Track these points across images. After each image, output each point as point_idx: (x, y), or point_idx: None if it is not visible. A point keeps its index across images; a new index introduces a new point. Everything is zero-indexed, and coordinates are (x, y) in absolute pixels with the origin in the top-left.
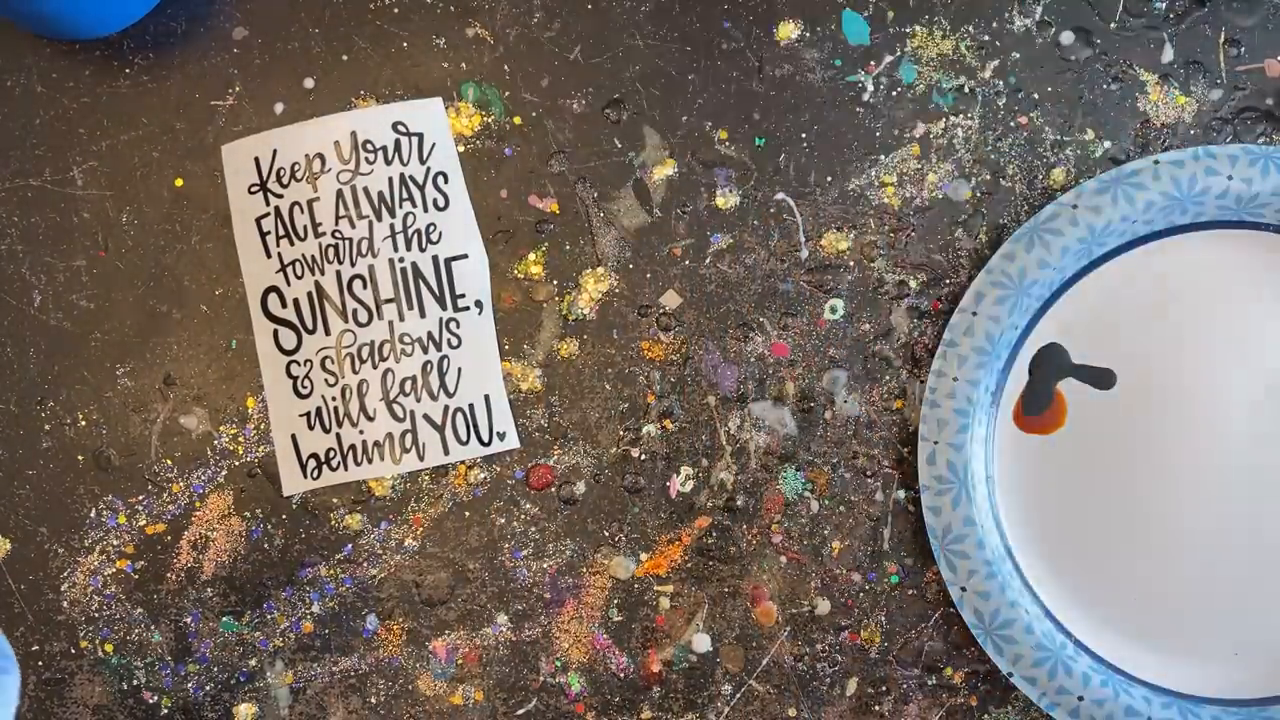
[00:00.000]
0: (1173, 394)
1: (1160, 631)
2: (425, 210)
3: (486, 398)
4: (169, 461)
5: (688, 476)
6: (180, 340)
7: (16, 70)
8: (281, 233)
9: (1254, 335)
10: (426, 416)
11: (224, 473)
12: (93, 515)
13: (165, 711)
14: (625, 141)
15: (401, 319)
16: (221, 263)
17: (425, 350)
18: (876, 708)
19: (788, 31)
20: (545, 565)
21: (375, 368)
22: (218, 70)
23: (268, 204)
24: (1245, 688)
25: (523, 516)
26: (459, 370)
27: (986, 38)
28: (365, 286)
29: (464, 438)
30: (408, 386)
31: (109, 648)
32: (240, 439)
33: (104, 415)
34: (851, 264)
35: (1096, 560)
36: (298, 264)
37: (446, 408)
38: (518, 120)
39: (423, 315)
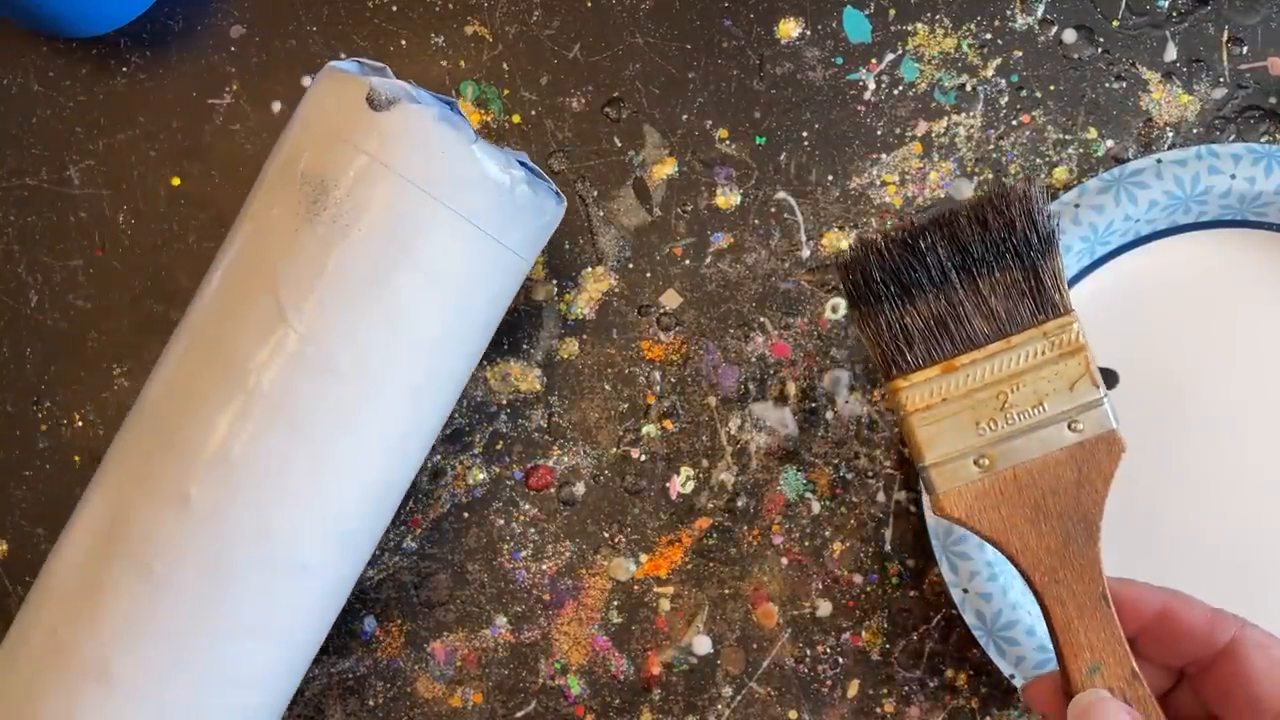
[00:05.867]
0: (1175, 394)
1: None
2: None
3: None
4: None
5: (688, 477)
6: None
7: (13, 69)
8: None
9: (1257, 334)
10: None
11: None
12: None
13: None
14: (625, 140)
15: None
16: None
17: None
18: (878, 710)
19: (788, 29)
20: (544, 567)
21: None
22: (215, 69)
23: None
24: None
25: (522, 518)
26: None
27: (989, 36)
28: None
29: None
30: None
31: None
32: None
33: (101, 416)
34: None
35: None
36: None
37: None
38: (517, 119)
39: None
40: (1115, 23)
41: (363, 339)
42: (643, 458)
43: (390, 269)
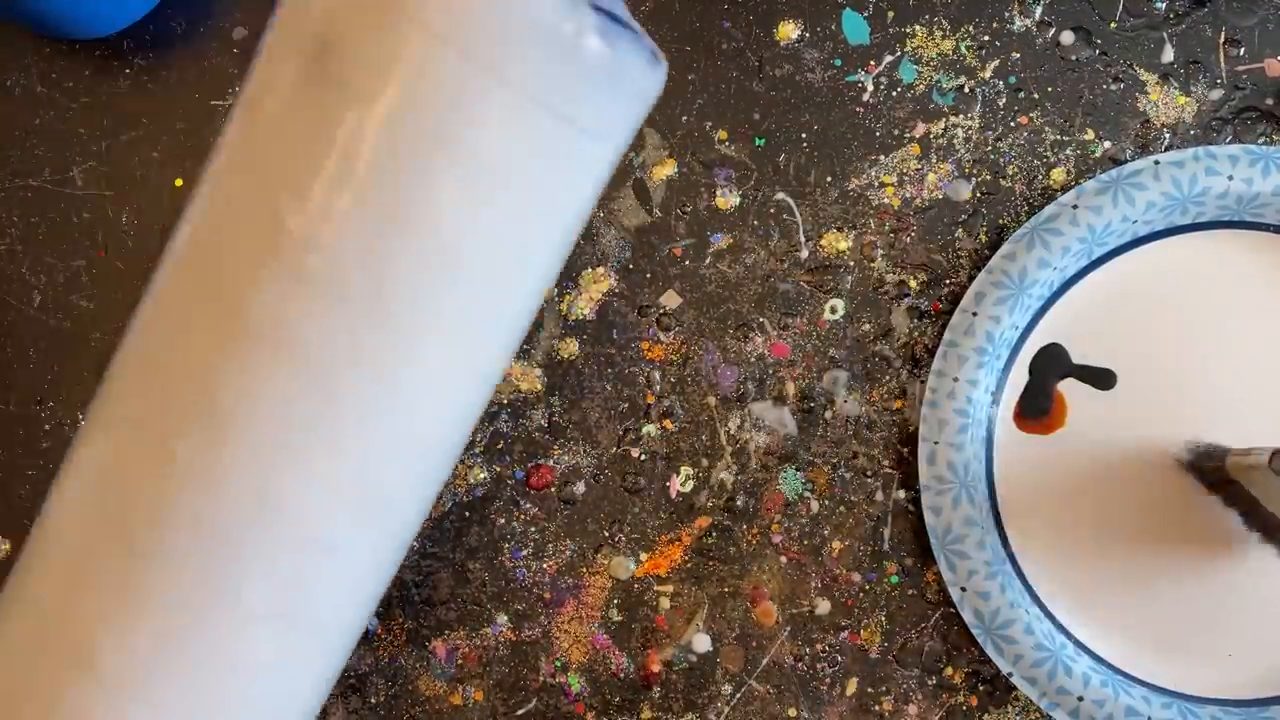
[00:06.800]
0: (1173, 394)
1: (1160, 631)
2: None
3: None
4: None
5: (688, 476)
6: None
7: (16, 70)
8: None
9: (1254, 335)
10: None
11: None
12: None
13: None
14: None
15: None
16: None
17: None
18: (876, 708)
19: (788, 31)
20: (545, 565)
21: None
22: (218, 70)
23: None
24: (1244, 688)
25: (522, 516)
26: None
27: (987, 38)
28: None
29: None
30: None
31: None
32: None
33: None
34: (851, 264)
35: (1096, 560)
36: None
37: None
38: None
39: None
40: (1113, 24)
41: (384, 251)
42: (643, 457)
43: (418, 155)
